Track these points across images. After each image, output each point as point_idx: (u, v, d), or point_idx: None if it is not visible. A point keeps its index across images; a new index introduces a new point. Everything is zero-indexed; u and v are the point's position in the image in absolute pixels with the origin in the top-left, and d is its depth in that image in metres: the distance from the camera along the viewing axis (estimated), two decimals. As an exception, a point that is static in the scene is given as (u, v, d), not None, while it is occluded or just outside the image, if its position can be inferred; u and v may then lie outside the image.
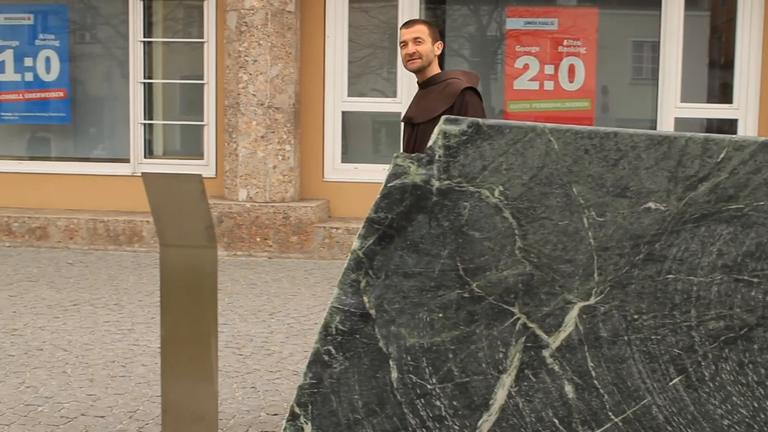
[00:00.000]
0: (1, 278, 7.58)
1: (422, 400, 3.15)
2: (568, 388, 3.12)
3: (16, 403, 4.58)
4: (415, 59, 4.39)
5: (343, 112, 9.26)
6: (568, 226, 3.11)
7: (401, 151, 4.54)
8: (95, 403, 4.59)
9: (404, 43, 4.40)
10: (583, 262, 3.11)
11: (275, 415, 4.48)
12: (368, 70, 9.52)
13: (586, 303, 3.11)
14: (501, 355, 3.13)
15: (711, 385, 3.10)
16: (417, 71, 4.46)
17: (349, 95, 9.24)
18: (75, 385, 4.87)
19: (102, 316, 6.34)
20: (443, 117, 3.14)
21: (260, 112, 8.74)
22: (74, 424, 4.31)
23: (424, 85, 4.49)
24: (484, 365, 3.14)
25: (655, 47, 9.11)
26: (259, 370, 5.19)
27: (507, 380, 3.13)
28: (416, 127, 4.44)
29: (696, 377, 3.10)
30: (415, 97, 4.58)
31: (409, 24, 4.45)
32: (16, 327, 6.04)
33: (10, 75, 9.74)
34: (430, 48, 4.41)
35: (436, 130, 3.14)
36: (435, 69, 4.47)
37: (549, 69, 9.11)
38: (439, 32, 4.60)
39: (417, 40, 4.37)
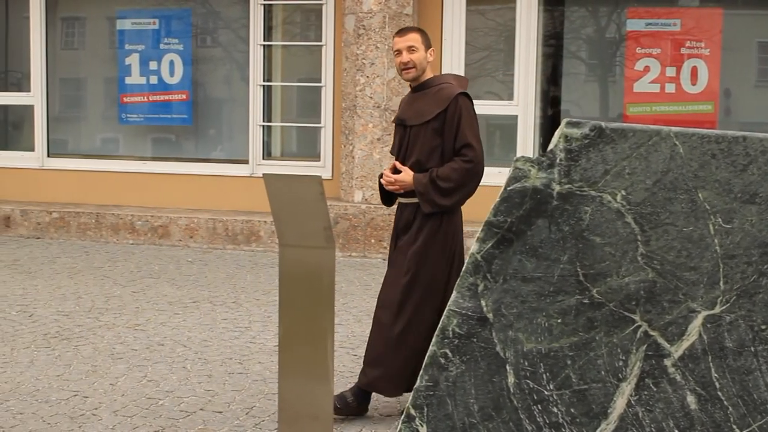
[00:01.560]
0: (125, 275, 7.83)
1: (539, 406, 3.11)
2: (691, 399, 3.04)
3: (139, 396, 4.72)
4: (409, 68, 4.45)
5: (459, 115, 9.22)
6: (693, 233, 3.03)
7: (392, 152, 4.61)
8: (213, 399, 4.69)
9: (398, 52, 4.43)
10: (709, 270, 3.02)
11: (389, 416, 4.50)
12: (484, 73, 9.47)
13: (711, 312, 3.03)
14: (621, 363, 3.07)
15: (843, 400, 2.98)
16: (412, 80, 4.50)
17: (465, 98, 9.20)
18: (194, 380, 4.98)
19: (220, 314, 6.48)
20: (565, 120, 3.10)
21: (377, 115, 8.79)
22: (193, 419, 4.41)
23: (417, 88, 4.53)
24: (603, 373, 3.08)
25: (783, 49, 8.81)
26: (373, 371, 5.21)
27: (627, 389, 3.07)
28: (408, 129, 4.48)
29: (827, 392, 2.98)
30: (406, 99, 4.64)
31: (402, 32, 4.49)
32: (138, 322, 6.22)
33: (135, 78, 10.04)
34: (424, 56, 4.46)
35: (557, 133, 3.10)
36: (428, 73, 4.54)
37: (670, 71, 8.90)
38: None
39: (411, 49, 4.41)
